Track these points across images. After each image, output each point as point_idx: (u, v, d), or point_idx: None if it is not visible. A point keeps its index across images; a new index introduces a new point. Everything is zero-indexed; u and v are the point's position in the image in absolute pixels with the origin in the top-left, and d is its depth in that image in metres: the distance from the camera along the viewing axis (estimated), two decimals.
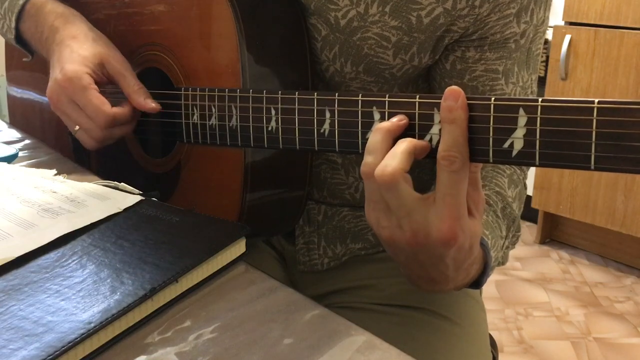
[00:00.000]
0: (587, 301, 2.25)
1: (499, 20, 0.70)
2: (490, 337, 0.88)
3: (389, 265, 0.84)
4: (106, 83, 0.77)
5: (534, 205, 2.58)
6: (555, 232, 2.70)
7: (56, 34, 0.79)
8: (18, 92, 1.08)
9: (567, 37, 2.35)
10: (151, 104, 0.75)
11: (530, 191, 2.56)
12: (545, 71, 2.47)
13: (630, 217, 2.31)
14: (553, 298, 2.27)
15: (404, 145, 0.51)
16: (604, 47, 2.28)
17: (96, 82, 0.75)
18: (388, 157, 0.51)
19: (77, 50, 0.76)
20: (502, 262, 0.69)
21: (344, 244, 0.85)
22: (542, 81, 2.50)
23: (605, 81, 2.30)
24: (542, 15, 0.73)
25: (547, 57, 2.45)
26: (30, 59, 0.89)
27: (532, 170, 2.53)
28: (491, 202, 0.69)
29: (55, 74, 0.75)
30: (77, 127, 0.76)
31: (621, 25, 2.24)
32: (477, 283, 0.62)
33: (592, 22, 2.30)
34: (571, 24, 2.37)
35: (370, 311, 0.82)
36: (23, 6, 0.83)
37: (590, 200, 2.40)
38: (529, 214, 2.75)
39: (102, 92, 0.75)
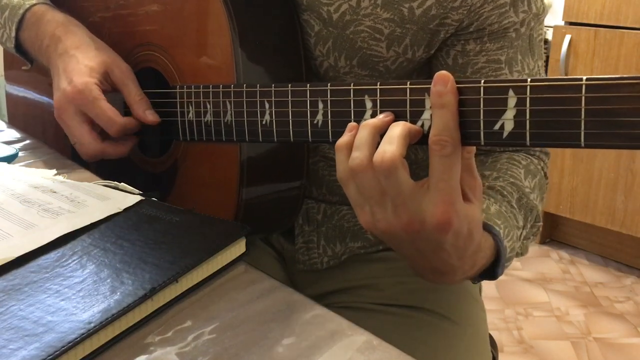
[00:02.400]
0: (587, 301, 2.25)
1: (494, 10, 0.70)
2: (490, 337, 0.88)
3: (389, 265, 0.84)
4: (110, 91, 0.78)
5: None
6: (555, 232, 2.70)
7: (58, 44, 0.79)
8: (17, 92, 1.08)
9: (567, 37, 2.35)
10: (150, 117, 0.77)
11: None
12: (546, 71, 2.46)
13: (630, 217, 2.31)
14: (553, 298, 2.27)
15: (399, 129, 0.51)
16: (604, 47, 2.28)
17: (102, 91, 0.76)
18: (385, 143, 0.51)
19: (83, 60, 0.77)
20: (522, 252, 0.68)
21: (344, 243, 0.85)
22: None
23: None
24: (541, 4, 0.73)
25: (547, 57, 2.45)
26: (29, 68, 0.90)
27: None
28: (505, 192, 0.68)
29: (64, 85, 0.76)
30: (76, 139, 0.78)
31: (621, 25, 2.24)
32: (493, 274, 0.61)
33: (592, 22, 2.30)
34: (571, 24, 2.37)
35: (370, 311, 0.82)
36: (23, 15, 0.83)
37: (590, 200, 2.40)
38: None
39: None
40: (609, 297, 2.28)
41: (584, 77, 0.45)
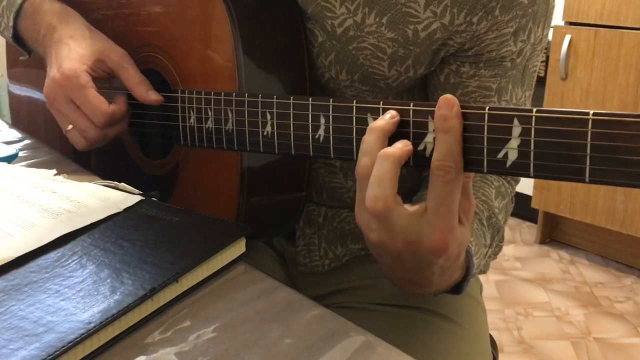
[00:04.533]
0: (587, 301, 2.25)
1: (496, 39, 0.70)
2: (490, 337, 0.88)
3: None
4: (107, 78, 0.77)
5: (534, 205, 2.58)
6: (555, 232, 2.70)
7: (54, 33, 0.78)
8: (20, 90, 1.07)
9: (567, 37, 2.35)
10: (153, 97, 0.75)
11: (530, 191, 2.56)
12: (545, 71, 2.47)
13: (630, 217, 2.31)
14: (553, 298, 2.27)
15: (388, 168, 0.49)
16: (604, 47, 2.28)
17: (95, 79, 0.75)
18: (375, 186, 0.49)
19: (75, 48, 0.76)
20: (484, 270, 0.69)
21: (345, 245, 0.85)
22: (542, 81, 2.50)
23: (605, 81, 2.29)
24: (540, 34, 0.73)
25: (547, 57, 2.45)
26: (27, 58, 0.89)
27: None
28: (477, 210, 0.68)
29: (53, 72, 0.75)
30: (69, 127, 0.76)
31: (621, 25, 2.24)
32: (458, 289, 0.61)
33: (592, 22, 2.30)
34: (571, 24, 2.37)
35: (370, 311, 0.82)
36: (21, 5, 0.83)
37: (590, 200, 2.40)
38: (529, 214, 2.74)
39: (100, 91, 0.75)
40: (609, 297, 2.28)
41: (591, 112, 0.44)
